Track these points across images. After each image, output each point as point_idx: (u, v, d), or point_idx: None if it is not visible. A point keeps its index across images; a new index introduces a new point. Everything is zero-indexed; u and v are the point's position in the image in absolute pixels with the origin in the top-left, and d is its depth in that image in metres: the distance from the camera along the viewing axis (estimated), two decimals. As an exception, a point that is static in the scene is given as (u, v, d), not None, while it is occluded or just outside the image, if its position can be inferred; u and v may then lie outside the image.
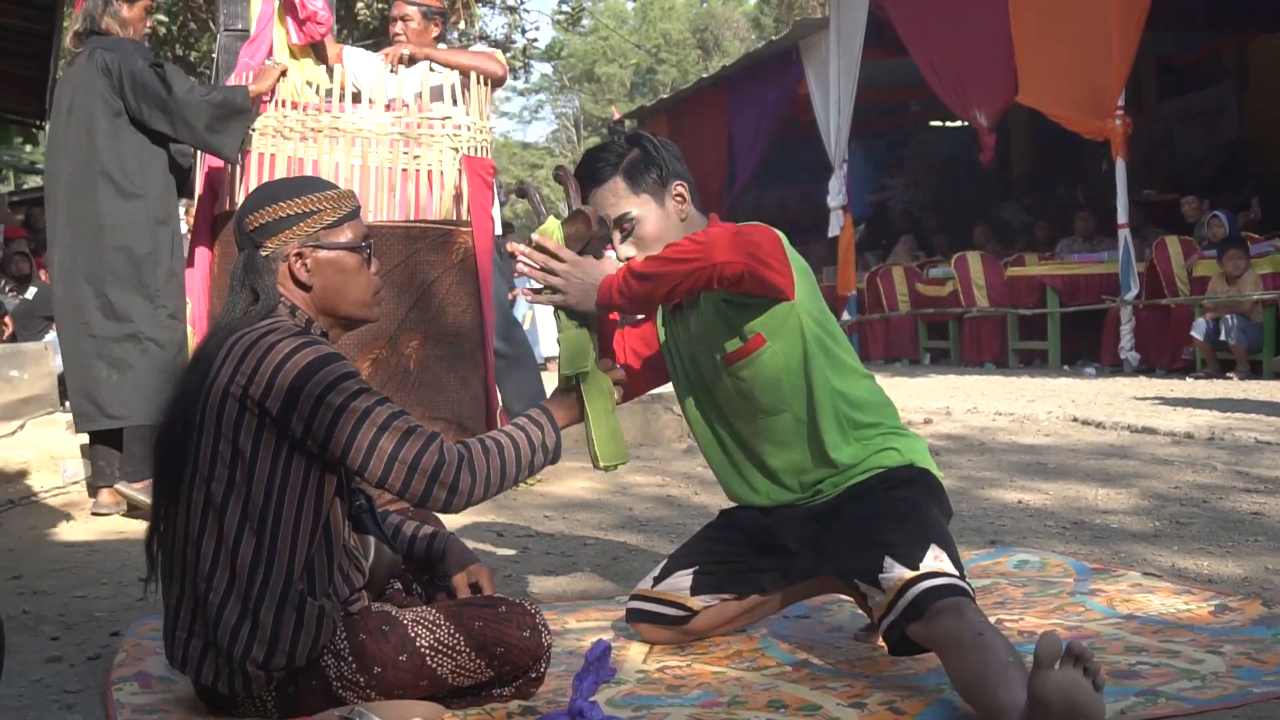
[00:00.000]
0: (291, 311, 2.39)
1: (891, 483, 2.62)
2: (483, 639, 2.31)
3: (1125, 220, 10.49)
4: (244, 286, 2.40)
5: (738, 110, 16.20)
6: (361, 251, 2.44)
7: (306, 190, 2.42)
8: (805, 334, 2.63)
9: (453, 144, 4.74)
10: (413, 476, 2.24)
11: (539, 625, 2.37)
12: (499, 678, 2.36)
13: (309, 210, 2.39)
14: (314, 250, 2.39)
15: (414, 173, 4.72)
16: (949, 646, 2.24)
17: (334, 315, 2.45)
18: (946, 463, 5.60)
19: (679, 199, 2.73)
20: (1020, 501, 4.57)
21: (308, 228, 2.39)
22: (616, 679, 2.57)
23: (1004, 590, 3.20)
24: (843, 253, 13.99)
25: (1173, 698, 2.28)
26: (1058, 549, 3.70)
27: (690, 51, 43.31)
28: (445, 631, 2.30)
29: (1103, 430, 6.56)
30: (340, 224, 2.42)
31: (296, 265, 2.39)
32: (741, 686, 2.49)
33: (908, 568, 2.36)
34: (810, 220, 17.39)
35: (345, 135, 4.65)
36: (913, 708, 2.29)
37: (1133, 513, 4.30)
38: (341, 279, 2.42)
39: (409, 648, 2.28)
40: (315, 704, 2.28)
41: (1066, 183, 15.68)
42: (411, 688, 2.29)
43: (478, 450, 2.31)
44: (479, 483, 2.29)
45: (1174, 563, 3.50)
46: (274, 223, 2.38)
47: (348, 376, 2.25)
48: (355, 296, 2.44)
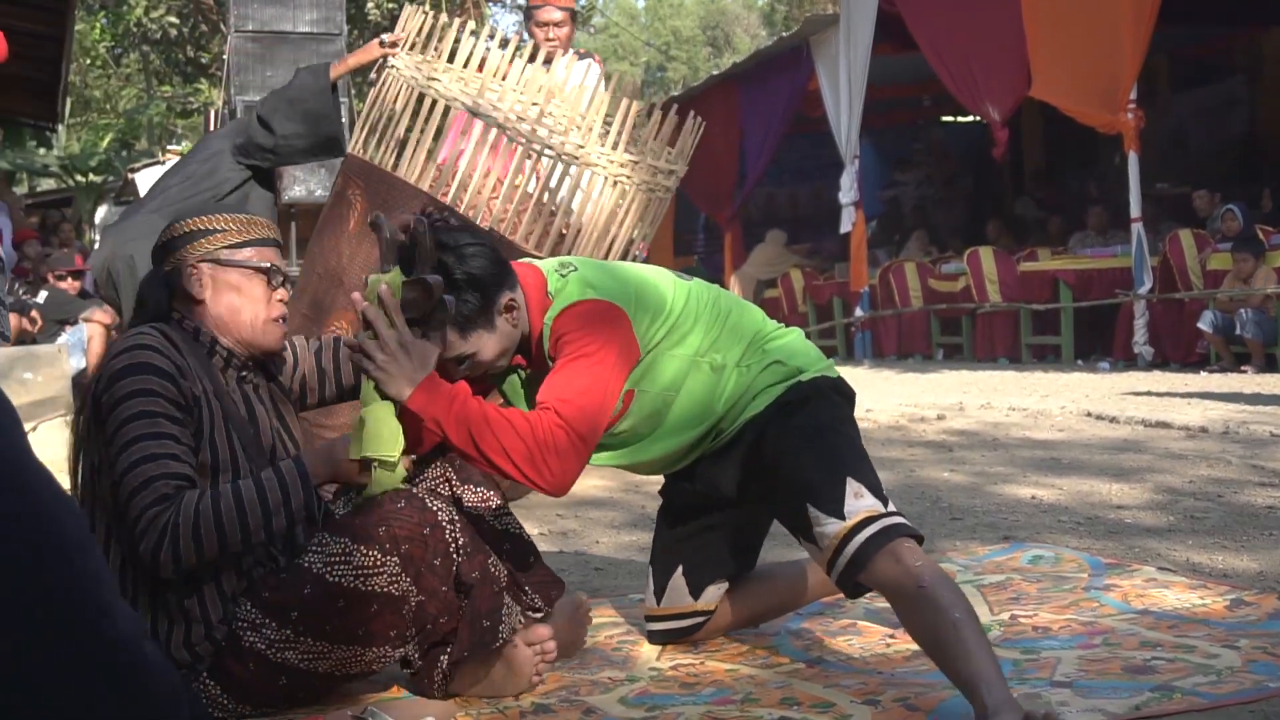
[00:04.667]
0: (179, 323, 2.44)
1: (787, 409, 2.55)
2: (363, 528, 2.26)
3: (1138, 214, 10.45)
4: (142, 299, 2.49)
5: (749, 107, 16.18)
6: (264, 275, 2.47)
7: (220, 212, 2.50)
8: (669, 355, 2.55)
9: (664, 194, 4.17)
10: (135, 527, 2.20)
11: (439, 521, 2.30)
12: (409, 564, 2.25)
13: (212, 228, 2.46)
14: (210, 265, 2.44)
15: (622, 214, 4.11)
16: (895, 597, 2.32)
17: (231, 336, 2.46)
18: (960, 458, 5.59)
19: (510, 313, 2.47)
20: (1034, 497, 4.56)
21: (208, 244, 2.45)
22: (629, 676, 2.57)
23: (1018, 586, 3.19)
24: (855, 249, 13.97)
25: (1188, 693, 2.27)
26: (1071, 544, 3.69)
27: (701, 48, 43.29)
28: (332, 543, 2.27)
29: (1116, 425, 6.54)
30: (244, 246, 2.46)
31: (190, 277, 2.44)
32: (755, 684, 2.49)
33: (835, 518, 2.36)
34: (822, 216, 17.39)
35: (580, 163, 3.99)
36: (927, 704, 2.29)
37: (1147, 507, 4.28)
38: (235, 299, 2.45)
39: (308, 577, 2.26)
40: (263, 680, 2.28)
41: (1079, 177, 15.63)
42: (336, 613, 2.24)
43: (185, 529, 2.19)
44: (185, 557, 2.20)
45: (1189, 557, 3.49)
46: (178, 238, 2.46)
47: (137, 394, 2.25)
48: (248, 319, 2.46)
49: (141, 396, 2.25)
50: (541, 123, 3.97)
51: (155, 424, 2.24)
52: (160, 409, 2.25)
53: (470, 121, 4.02)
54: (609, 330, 2.45)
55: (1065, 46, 10.56)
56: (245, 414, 2.46)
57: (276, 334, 2.51)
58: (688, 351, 2.56)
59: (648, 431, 2.59)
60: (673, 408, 2.57)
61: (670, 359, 2.55)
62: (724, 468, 2.63)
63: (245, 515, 2.23)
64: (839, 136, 13.91)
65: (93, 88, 25.16)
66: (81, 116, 25.91)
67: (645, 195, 4.01)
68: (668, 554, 2.82)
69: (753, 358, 2.60)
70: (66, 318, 9.03)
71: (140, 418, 2.24)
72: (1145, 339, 10.55)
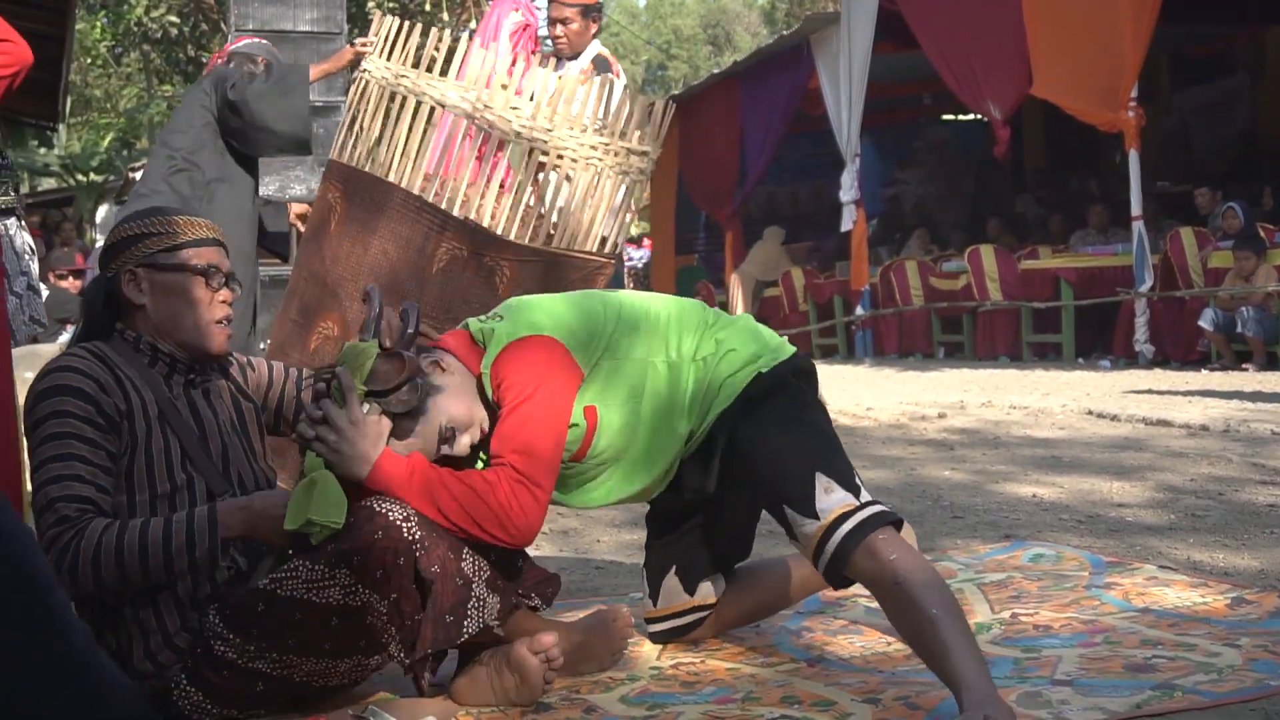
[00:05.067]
0: (121, 333, 2.44)
1: (750, 404, 2.53)
2: (338, 555, 2.20)
3: (1139, 212, 10.45)
4: (83, 308, 2.51)
5: (749, 106, 16.18)
6: (201, 276, 2.45)
7: (151, 216, 2.48)
8: (620, 363, 2.53)
9: (639, 176, 4.10)
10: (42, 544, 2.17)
11: (391, 521, 2.21)
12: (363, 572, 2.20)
13: (147, 232, 2.44)
14: (147, 270, 2.43)
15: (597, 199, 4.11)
16: (875, 593, 2.36)
17: (173, 339, 2.45)
18: (961, 457, 5.59)
19: (441, 372, 2.42)
20: (1034, 495, 4.56)
21: (143, 248, 2.44)
22: (630, 675, 2.57)
23: (1019, 584, 3.19)
24: (855, 247, 13.97)
25: (1189, 691, 2.27)
26: (1072, 543, 3.69)
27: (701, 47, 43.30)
28: (306, 569, 2.22)
29: (1117, 423, 6.54)
30: (180, 248, 2.44)
31: (128, 282, 2.43)
32: (756, 683, 2.49)
33: (810, 518, 2.37)
34: (823, 215, 17.39)
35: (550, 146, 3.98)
36: (928, 703, 2.29)
37: (1148, 506, 4.28)
38: (174, 302, 2.44)
39: (260, 595, 2.24)
40: (240, 686, 2.27)
41: (1080, 175, 15.63)
42: (293, 627, 2.22)
43: (86, 555, 2.17)
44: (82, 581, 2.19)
45: (1189, 555, 3.49)
46: (117, 243, 2.46)
47: (50, 417, 2.25)
48: (190, 322, 2.45)
49: (55, 419, 2.25)
50: (506, 110, 3.97)
51: (65, 445, 2.24)
52: (72, 429, 2.25)
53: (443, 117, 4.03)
54: (544, 363, 2.43)
55: (1066, 44, 10.57)
56: (191, 420, 2.44)
57: (220, 336, 2.49)
58: (639, 355, 2.54)
59: (626, 445, 2.55)
60: (642, 414, 2.53)
61: (623, 367, 2.53)
62: (705, 472, 2.61)
63: (147, 555, 2.21)
64: (840, 135, 13.91)
65: (93, 87, 25.17)
66: (82, 116, 25.92)
67: (618, 177, 3.98)
68: (659, 557, 2.81)
69: (706, 348, 2.58)
70: (68, 317, 9.04)
71: (51, 440, 2.25)
72: (1146, 337, 10.55)
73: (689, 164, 18.01)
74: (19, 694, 1.12)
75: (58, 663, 1.15)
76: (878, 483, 4.95)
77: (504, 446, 2.36)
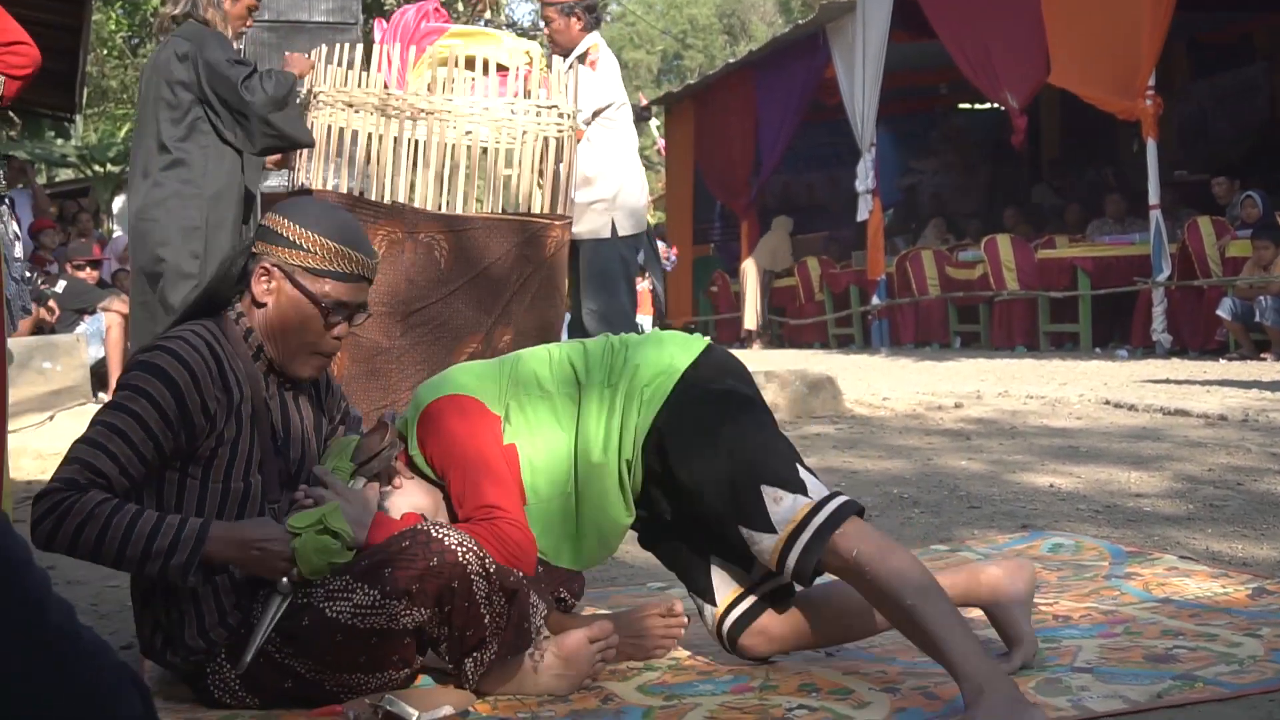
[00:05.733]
0: (237, 318, 2.44)
1: (676, 415, 2.47)
2: (369, 569, 2.24)
3: (1157, 201, 10.41)
4: (222, 262, 2.50)
5: (765, 95, 16.16)
6: (324, 312, 2.42)
7: (321, 231, 2.42)
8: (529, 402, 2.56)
9: (557, 133, 4.64)
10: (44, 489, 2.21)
11: (448, 546, 2.24)
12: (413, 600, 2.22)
13: (301, 245, 2.41)
14: (282, 276, 2.42)
15: (516, 160, 4.69)
16: (850, 584, 2.33)
17: (272, 344, 2.45)
18: (977, 447, 5.58)
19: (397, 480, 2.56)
20: (1052, 485, 4.54)
21: (292, 257, 2.41)
22: (647, 665, 2.57)
23: (1038, 575, 3.17)
24: (872, 237, 13.95)
25: (1210, 682, 2.26)
26: (1090, 533, 3.68)
27: (717, 36, 43.18)
28: (335, 579, 2.25)
29: (1135, 413, 6.51)
30: (323, 275, 2.41)
31: (260, 277, 2.43)
32: (773, 671, 2.48)
33: (768, 532, 2.32)
34: (838, 205, 17.36)
35: (453, 118, 4.54)
36: (946, 694, 2.27)
37: (1166, 496, 4.26)
38: (290, 319, 2.43)
39: (308, 611, 2.26)
40: (271, 679, 2.29)
41: (1097, 164, 15.58)
42: (334, 647, 2.24)
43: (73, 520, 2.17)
44: (58, 541, 2.19)
45: (1208, 546, 3.47)
46: (276, 231, 2.44)
47: (134, 390, 2.26)
48: (294, 344, 2.44)
49: (133, 394, 2.26)
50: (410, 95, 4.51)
51: (124, 421, 2.24)
52: (139, 411, 2.24)
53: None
54: (456, 416, 2.52)
55: (1084, 33, 10.52)
56: (280, 421, 2.46)
57: (314, 367, 2.49)
58: (547, 388, 2.57)
59: (566, 478, 2.54)
60: (576, 449, 2.53)
61: (531, 406, 2.56)
62: (656, 499, 2.56)
63: (126, 544, 2.19)
64: (856, 124, 13.88)
65: (110, 78, 25.20)
66: (99, 107, 25.95)
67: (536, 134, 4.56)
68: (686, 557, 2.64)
69: (617, 372, 2.55)
70: (85, 307, 9.05)
71: (116, 409, 2.25)
72: (1164, 326, 10.52)
73: (704, 153, 18.01)
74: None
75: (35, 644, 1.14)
76: (894, 473, 4.94)
77: (473, 504, 2.46)
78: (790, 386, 6.97)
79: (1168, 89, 11.62)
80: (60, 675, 1.14)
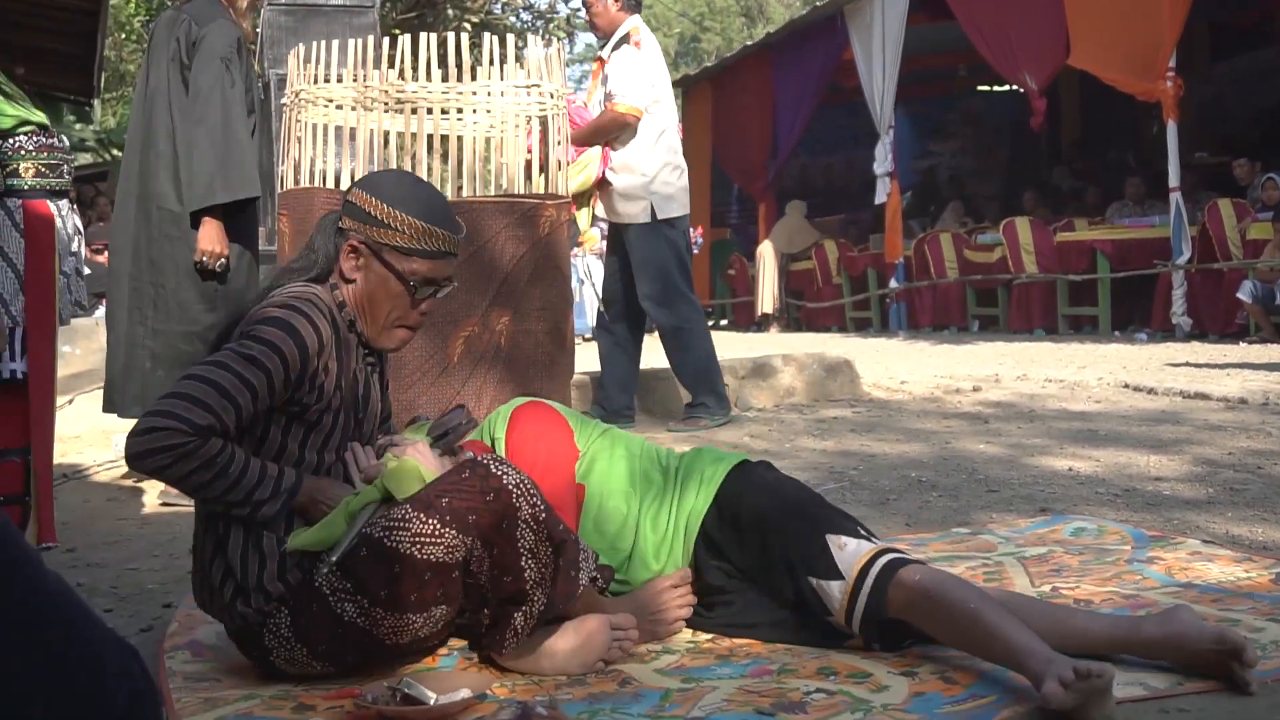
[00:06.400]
0: (332, 288, 2.48)
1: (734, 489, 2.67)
2: (426, 497, 2.29)
3: (1177, 184, 10.35)
4: (312, 239, 2.53)
5: (782, 77, 16.11)
6: (412, 289, 2.47)
7: (408, 209, 2.45)
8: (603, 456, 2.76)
9: (540, 111, 4.71)
10: (148, 413, 2.22)
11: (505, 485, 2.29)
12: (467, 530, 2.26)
13: (389, 224, 2.45)
14: (370, 254, 2.46)
15: (499, 142, 4.80)
16: (915, 617, 2.36)
17: (362, 318, 2.49)
18: (996, 430, 5.56)
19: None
20: (1070, 469, 4.52)
21: (380, 236, 2.45)
22: (666, 649, 2.57)
23: (1060, 558, 3.16)
24: (889, 220, 13.90)
25: (1231, 666, 2.24)
26: (1109, 517, 3.66)
27: (734, 19, 43.06)
28: (419, 521, 2.27)
29: (1154, 396, 6.49)
30: (411, 254, 2.46)
31: (348, 254, 2.47)
32: (792, 655, 2.48)
33: (836, 579, 2.44)
34: (856, 187, 17.30)
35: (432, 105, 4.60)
36: (965, 679, 2.27)
37: (1185, 479, 4.24)
38: (377, 296, 2.48)
39: (368, 541, 2.27)
40: (322, 625, 2.30)
41: (1117, 147, 15.50)
42: (391, 579, 2.26)
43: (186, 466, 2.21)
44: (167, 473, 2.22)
45: (1228, 530, 3.45)
46: (363, 209, 2.46)
47: (268, 345, 2.27)
48: (377, 319, 2.49)
49: (266, 349, 2.27)
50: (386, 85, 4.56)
51: (254, 374, 2.26)
52: (270, 369, 2.27)
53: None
54: (548, 425, 2.75)
55: (1104, 14, 10.45)
56: (361, 394, 2.50)
57: (399, 339, 2.54)
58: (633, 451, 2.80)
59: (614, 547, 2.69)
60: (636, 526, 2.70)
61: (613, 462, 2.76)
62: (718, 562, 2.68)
63: (229, 490, 2.26)
64: (874, 107, 13.82)
65: (128, 62, 25.22)
66: (117, 91, 26.00)
67: (519, 115, 4.65)
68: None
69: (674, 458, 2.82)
70: (104, 291, 9.08)
71: (252, 362, 2.26)
72: (1184, 309, 10.46)
73: (722, 136, 17.96)
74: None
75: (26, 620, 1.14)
76: (912, 456, 4.93)
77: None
78: (808, 370, 6.95)
79: (1188, 70, 11.53)
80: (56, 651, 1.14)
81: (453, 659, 2.52)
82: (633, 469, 2.75)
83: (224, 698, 2.30)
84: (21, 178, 3.57)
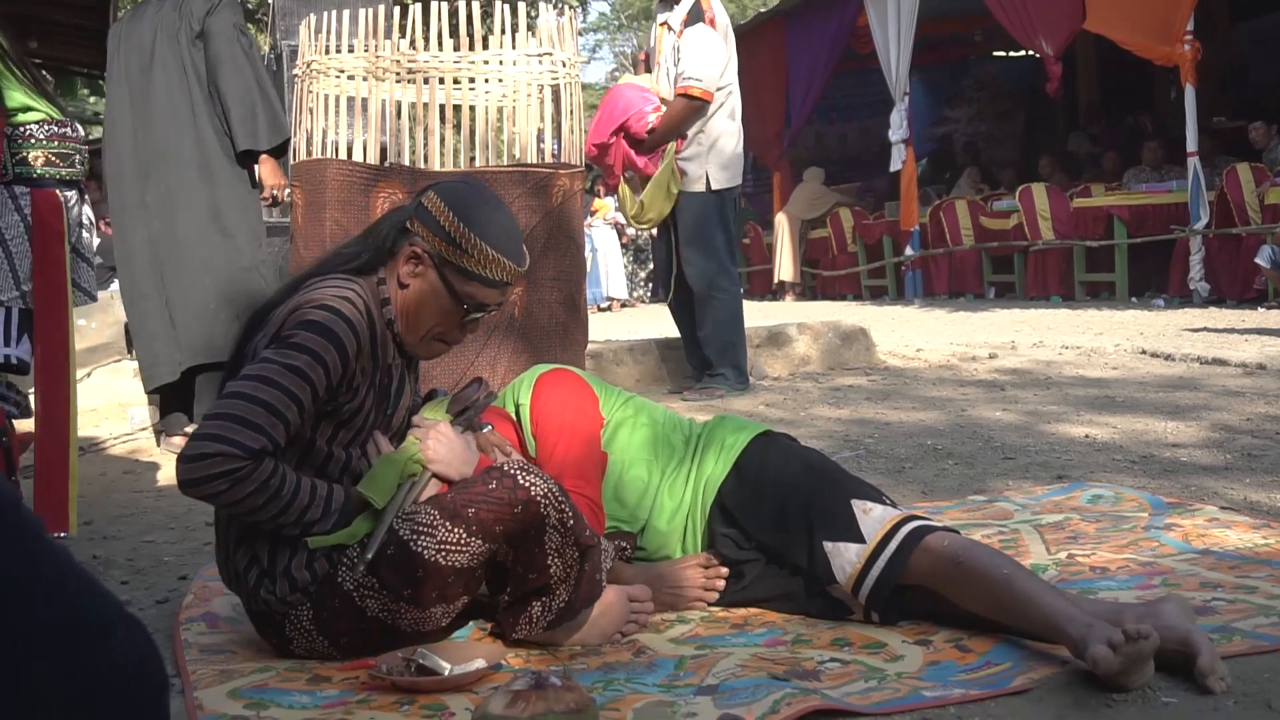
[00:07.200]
0: (379, 282, 2.43)
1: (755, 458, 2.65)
2: (454, 505, 2.28)
3: (1195, 149, 10.28)
4: (374, 228, 2.49)
5: (796, 44, 16.00)
6: (463, 311, 2.43)
7: (483, 235, 2.40)
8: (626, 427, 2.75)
9: (552, 80, 4.72)
10: (197, 436, 2.19)
11: (533, 496, 2.28)
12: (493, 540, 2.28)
13: (460, 244, 2.39)
14: (431, 265, 2.41)
15: (511, 111, 4.87)
16: (941, 583, 2.34)
17: (404, 322, 2.45)
18: (1012, 397, 5.54)
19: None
20: (1087, 435, 4.50)
21: (447, 253, 2.39)
22: (680, 618, 2.56)
23: (1076, 525, 3.15)
24: (905, 187, 13.84)
25: (1249, 635, 2.23)
26: (1127, 483, 3.64)
27: (748, -14, 42.80)
28: (423, 513, 2.28)
29: (1171, 362, 6.45)
30: (473, 278, 2.40)
31: (408, 259, 2.42)
32: (806, 625, 2.48)
33: (857, 541, 2.42)
34: (871, 155, 17.22)
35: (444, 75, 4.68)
36: (980, 645, 2.26)
37: (1203, 446, 4.22)
38: (426, 307, 2.43)
39: (395, 540, 2.27)
40: (344, 618, 2.31)
41: (1134, 111, 15.38)
42: (414, 581, 2.26)
43: (240, 490, 2.18)
44: (221, 499, 2.20)
45: (1246, 496, 3.44)
46: (437, 220, 2.40)
47: (309, 354, 2.24)
48: (419, 328, 2.45)
49: (308, 357, 2.24)
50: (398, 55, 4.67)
51: (300, 387, 2.23)
52: (315, 379, 2.25)
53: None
54: (574, 391, 2.72)
55: (1121, -23, 10.35)
56: (394, 390, 2.48)
57: (434, 351, 2.53)
58: (657, 419, 2.79)
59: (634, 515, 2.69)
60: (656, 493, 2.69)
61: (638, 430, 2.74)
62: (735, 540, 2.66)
63: (282, 513, 2.24)
64: (889, 73, 13.74)
65: (140, 35, 25.23)
66: (130, 64, 26.00)
67: (531, 83, 4.76)
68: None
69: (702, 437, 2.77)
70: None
71: (297, 374, 2.23)
72: (1201, 275, 10.41)
73: (735, 105, 17.83)
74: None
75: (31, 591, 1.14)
76: (928, 424, 4.91)
77: (564, 473, 2.56)
78: (823, 338, 6.93)
79: (1209, 34, 11.42)
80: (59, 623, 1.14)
81: (467, 629, 2.52)
82: (655, 437, 2.73)
83: (239, 669, 2.31)
84: (30, 165, 3.54)
